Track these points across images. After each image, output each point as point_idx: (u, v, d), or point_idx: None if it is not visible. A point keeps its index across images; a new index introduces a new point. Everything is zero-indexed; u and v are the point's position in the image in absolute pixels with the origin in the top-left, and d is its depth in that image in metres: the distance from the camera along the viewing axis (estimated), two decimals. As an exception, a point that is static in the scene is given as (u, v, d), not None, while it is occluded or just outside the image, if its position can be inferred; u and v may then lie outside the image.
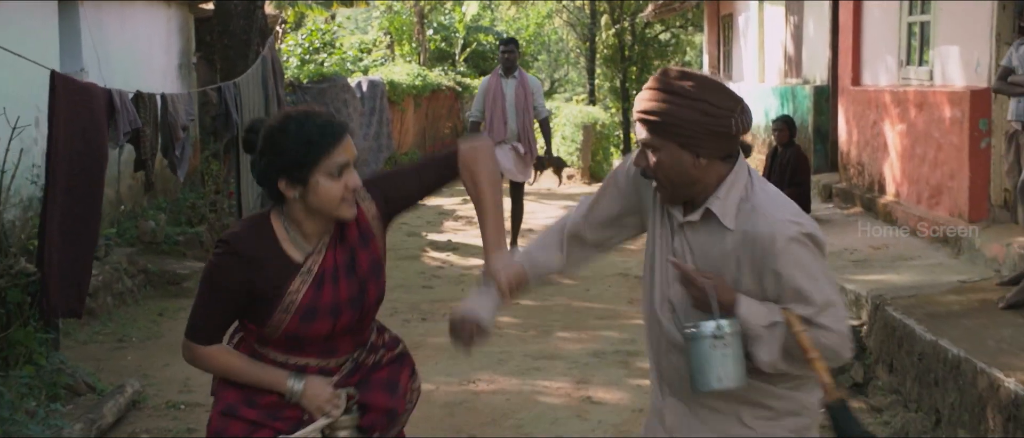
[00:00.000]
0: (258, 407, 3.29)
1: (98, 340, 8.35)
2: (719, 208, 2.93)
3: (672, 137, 2.89)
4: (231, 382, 3.33)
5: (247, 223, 3.26)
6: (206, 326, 3.27)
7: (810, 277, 2.83)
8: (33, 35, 8.51)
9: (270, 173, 3.11)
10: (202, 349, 3.29)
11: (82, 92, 6.34)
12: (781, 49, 15.97)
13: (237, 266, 3.14)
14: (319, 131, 3.05)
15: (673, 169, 2.92)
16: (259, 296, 3.17)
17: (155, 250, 10.73)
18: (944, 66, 9.62)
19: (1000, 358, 5.53)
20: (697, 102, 2.87)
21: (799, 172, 10.96)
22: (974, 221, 8.65)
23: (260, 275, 3.16)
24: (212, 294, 3.22)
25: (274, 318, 3.18)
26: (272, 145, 3.09)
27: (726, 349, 2.81)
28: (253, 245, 3.17)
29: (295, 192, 3.09)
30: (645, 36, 37.77)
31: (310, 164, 3.05)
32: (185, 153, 8.80)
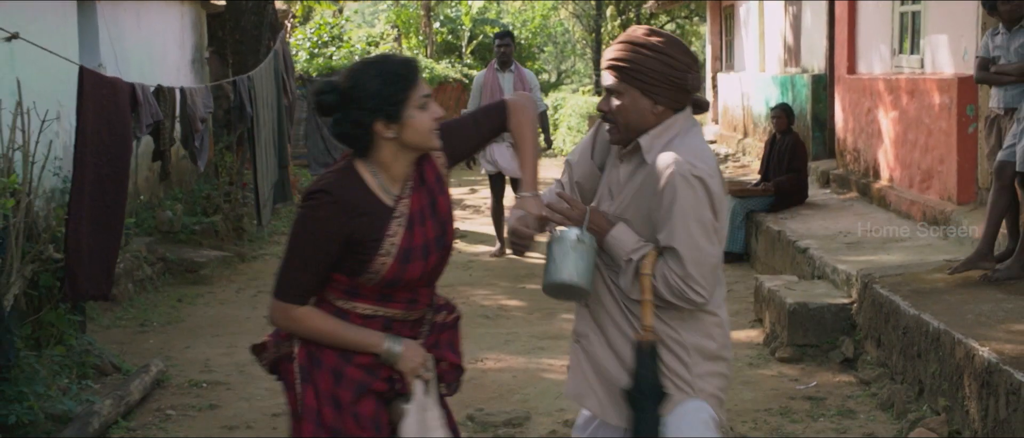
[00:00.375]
0: (359, 367, 3.35)
1: (121, 325, 8.71)
2: (646, 143, 3.38)
3: (636, 84, 3.35)
4: (323, 345, 3.34)
5: (336, 173, 3.30)
6: (301, 283, 3.29)
7: (682, 214, 3.27)
8: (54, 33, 8.82)
9: (363, 119, 3.23)
10: (297, 310, 3.29)
11: (108, 86, 6.68)
12: (781, 39, 16.23)
13: (338, 214, 3.22)
14: (402, 67, 3.27)
15: (632, 113, 3.38)
16: (358, 243, 3.24)
17: (173, 239, 11.09)
18: (934, 54, 9.93)
19: (977, 330, 5.85)
20: (661, 55, 3.33)
21: (797, 158, 11.25)
22: (962, 203, 8.95)
23: (360, 221, 3.24)
24: (310, 247, 3.25)
25: (375, 264, 3.26)
26: (361, 91, 3.22)
27: (582, 253, 3.30)
28: (350, 192, 3.26)
29: (391, 130, 3.24)
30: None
31: (403, 100, 3.22)
32: (204, 144, 9.17)
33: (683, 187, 3.27)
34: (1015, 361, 5.22)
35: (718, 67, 21.71)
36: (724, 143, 19.61)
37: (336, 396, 3.33)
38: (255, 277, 10.73)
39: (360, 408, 3.34)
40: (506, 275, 10.55)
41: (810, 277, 8.53)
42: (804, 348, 7.44)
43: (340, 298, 3.35)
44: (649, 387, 3.36)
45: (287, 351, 3.39)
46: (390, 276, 3.29)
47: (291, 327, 3.33)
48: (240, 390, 7.04)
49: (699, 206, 3.28)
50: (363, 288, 3.32)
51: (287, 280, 3.29)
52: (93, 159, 6.42)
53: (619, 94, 3.38)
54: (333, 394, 3.33)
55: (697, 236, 3.28)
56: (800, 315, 7.45)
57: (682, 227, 3.27)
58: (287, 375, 3.41)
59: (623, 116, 3.39)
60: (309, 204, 3.25)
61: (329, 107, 3.28)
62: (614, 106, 3.40)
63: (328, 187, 3.25)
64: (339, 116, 3.27)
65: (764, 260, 10.33)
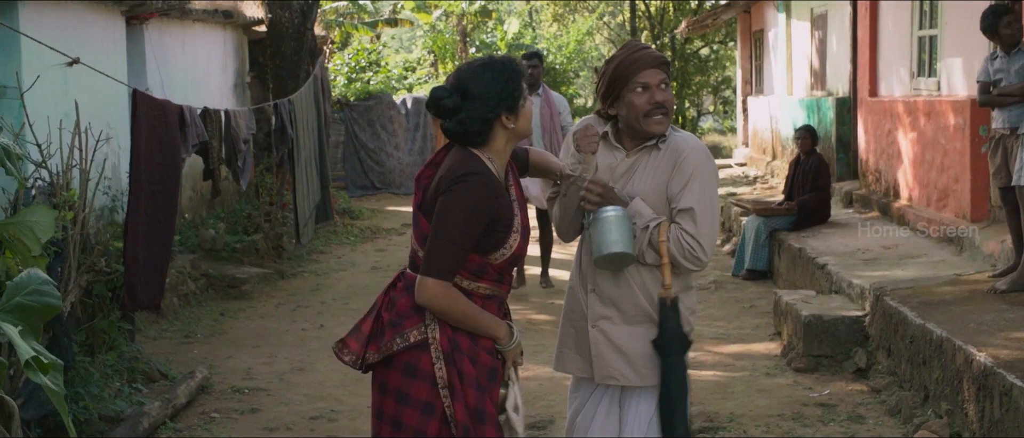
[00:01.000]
0: (487, 352, 3.65)
1: (167, 336, 9.12)
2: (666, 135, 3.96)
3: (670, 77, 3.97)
4: (459, 328, 3.60)
5: (471, 158, 3.61)
6: (456, 261, 3.53)
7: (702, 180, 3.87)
8: (105, 57, 9.24)
9: (490, 115, 3.60)
10: (452, 288, 3.54)
11: (159, 108, 7.12)
12: (807, 63, 16.54)
13: (491, 193, 3.54)
14: (512, 64, 3.71)
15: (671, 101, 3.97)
16: (498, 221, 3.56)
17: (215, 257, 11.52)
18: (950, 77, 10.24)
19: (977, 337, 6.16)
20: None
21: (820, 178, 11.56)
22: (976, 221, 9.24)
23: (502, 201, 3.59)
24: (468, 225, 3.51)
25: (509, 240, 3.60)
26: (487, 90, 3.59)
27: (622, 223, 3.77)
28: (492, 175, 3.60)
29: (511, 121, 3.64)
30: (685, 52, 38.30)
31: (520, 94, 3.65)
32: (247, 164, 9.59)
33: (703, 159, 3.91)
34: (1009, 365, 5.54)
35: (748, 91, 22.02)
36: (753, 165, 19.91)
37: (478, 379, 3.59)
38: (294, 293, 11.15)
39: (494, 392, 3.65)
40: (537, 291, 10.89)
41: (827, 292, 8.85)
42: (819, 358, 7.74)
43: (466, 278, 3.61)
44: (676, 336, 3.87)
45: (417, 340, 3.60)
46: (517, 251, 3.65)
47: (446, 306, 3.55)
48: (280, 396, 7.43)
49: (712, 176, 3.94)
50: (490, 267, 3.62)
51: (445, 258, 3.51)
52: (147, 176, 6.86)
53: (668, 86, 3.95)
54: (475, 377, 3.59)
55: (709, 199, 3.89)
56: (815, 327, 7.76)
57: (700, 190, 3.86)
58: (418, 362, 3.59)
59: (670, 103, 3.96)
60: (465, 185, 3.52)
61: (450, 109, 3.61)
62: (667, 96, 3.94)
63: (480, 169, 3.57)
64: (463, 115, 3.60)
65: (786, 277, 10.64)
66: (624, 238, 3.76)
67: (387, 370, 3.66)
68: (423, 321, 3.61)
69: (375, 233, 15.60)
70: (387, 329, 3.64)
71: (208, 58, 13.33)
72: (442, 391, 3.58)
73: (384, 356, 3.64)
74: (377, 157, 19.74)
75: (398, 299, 3.67)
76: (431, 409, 3.60)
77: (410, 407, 3.61)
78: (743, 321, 9.44)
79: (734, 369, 7.87)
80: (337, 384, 7.65)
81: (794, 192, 11.74)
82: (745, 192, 15.91)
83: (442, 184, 3.57)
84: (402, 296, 3.67)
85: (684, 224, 3.81)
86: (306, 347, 8.79)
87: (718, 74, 39.36)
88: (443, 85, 3.68)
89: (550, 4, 41.24)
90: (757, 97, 20.64)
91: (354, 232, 15.52)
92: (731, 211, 13.57)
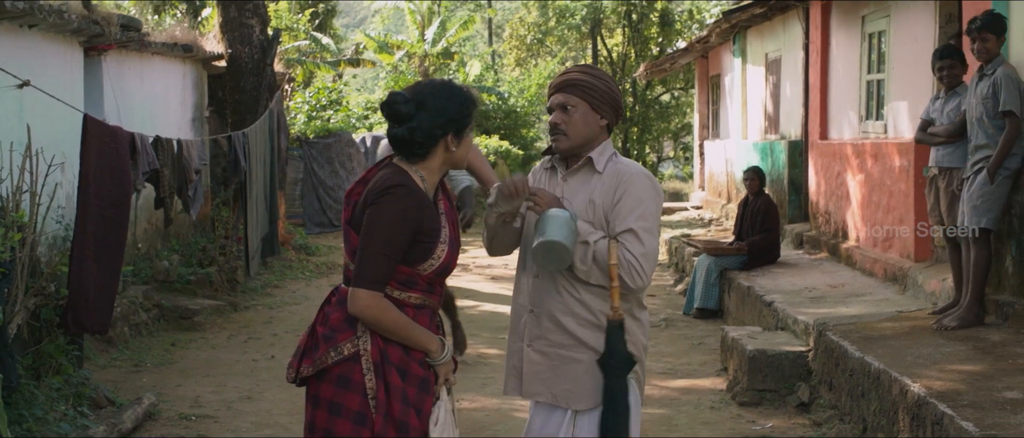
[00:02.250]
0: (419, 364, 3.70)
1: (116, 364, 9.11)
2: (596, 156, 4.04)
3: (587, 98, 4.02)
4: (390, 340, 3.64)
5: (397, 172, 3.68)
6: (385, 271, 3.59)
7: (640, 201, 3.93)
8: (61, 86, 9.23)
9: (437, 131, 3.70)
10: (382, 299, 3.59)
11: (110, 134, 7.17)
12: (762, 107, 16.75)
13: (416, 204, 3.62)
14: (470, 94, 3.80)
15: (582, 123, 4.04)
16: (425, 232, 3.64)
17: (168, 288, 11.53)
18: (896, 120, 10.44)
19: (913, 369, 6.28)
20: (604, 80, 4.07)
21: (768, 219, 11.72)
22: (919, 261, 9.40)
23: (428, 213, 3.67)
24: (395, 235, 3.58)
25: (437, 250, 3.68)
26: (442, 106, 3.70)
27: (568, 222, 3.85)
28: (416, 188, 3.66)
29: (454, 145, 3.74)
30: (646, 97, 38.66)
31: (470, 121, 3.78)
32: (197, 194, 9.64)
33: (641, 180, 3.99)
34: (941, 395, 5.66)
35: (705, 135, 22.26)
36: (709, 208, 20.09)
37: (405, 391, 3.64)
38: (246, 325, 11.16)
39: (424, 404, 3.70)
40: (487, 327, 10.95)
41: (773, 328, 8.97)
42: (763, 392, 7.84)
43: (397, 289, 3.67)
44: (621, 356, 3.93)
45: (350, 352, 3.64)
46: (445, 262, 3.71)
47: (377, 316, 3.60)
48: (227, 423, 7.44)
49: (652, 197, 3.98)
50: (419, 278, 3.69)
51: (375, 268, 3.58)
52: (96, 201, 6.89)
53: (573, 107, 4.01)
54: (402, 389, 3.64)
55: (651, 220, 3.95)
56: (759, 361, 7.87)
57: (639, 211, 3.93)
58: (351, 374, 3.64)
59: (574, 126, 4.01)
60: (391, 196, 3.59)
61: (403, 116, 3.69)
62: (568, 118, 4.02)
63: (405, 181, 3.65)
64: (413, 124, 3.68)
65: (736, 315, 10.76)
66: (566, 235, 3.83)
67: (320, 383, 3.70)
68: (355, 333, 3.65)
69: (330, 269, 15.61)
70: (321, 343, 3.69)
71: (166, 91, 13.35)
72: (371, 401, 3.63)
73: (318, 369, 3.68)
74: (336, 194, 19.76)
75: (331, 313, 3.73)
76: (363, 419, 3.64)
77: (343, 417, 3.66)
78: (691, 357, 9.54)
79: (680, 403, 7.95)
80: (285, 412, 7.67)
81: (743, 232, 11.90)
82: (700, 233, 16.06)
83: (369, 197, 3.64)
84: (335, 310, 3.72)
85: (627, 243, 3.89)
86: (256, 377, 8.80)
87: (678, 120, 39.76)
88: (402, 91, 3.76)
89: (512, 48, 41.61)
90: (713, 141, 20.86)
91: (309, 267, 15.53)
92: (684, 251, 13.70)
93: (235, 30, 14.24)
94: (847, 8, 12.09)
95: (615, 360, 3.91)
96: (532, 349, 4.08)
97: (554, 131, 4.04)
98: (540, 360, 4.05)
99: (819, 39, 13.00)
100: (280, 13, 28.09)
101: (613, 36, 40.06)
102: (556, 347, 4.02)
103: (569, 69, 4.12)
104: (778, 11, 14.71)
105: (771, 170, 14.47)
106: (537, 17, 40.28)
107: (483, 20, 46.02)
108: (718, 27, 17.48)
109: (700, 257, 11.88)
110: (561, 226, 3.83)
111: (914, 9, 9.98)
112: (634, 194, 3.93)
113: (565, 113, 4.01)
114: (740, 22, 16.31)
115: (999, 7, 7.74)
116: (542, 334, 4.05)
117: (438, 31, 33.06)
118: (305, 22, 30.09)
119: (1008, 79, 7.09)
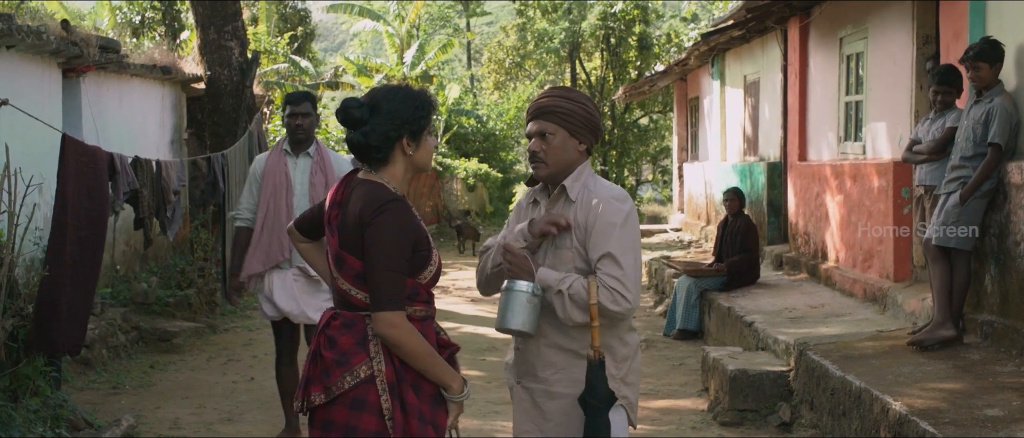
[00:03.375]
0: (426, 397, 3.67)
1: (94, 387, 9.04)
2: (569, 184, 3.97)
3: (564, 124, 3.97)
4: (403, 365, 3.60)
5: (379, 188, 3.65)
6: (403, 288, 3.56)
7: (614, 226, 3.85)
8: (39, 107, 9.19)
9: (391, 134, 3.66)
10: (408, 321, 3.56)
11: (88, 154, 7.12)
12: (740, 129, 16.81)
13: (411, 215, 3.63)
14: (425, 95, 3.75)
15: (561, 150, 3.98)
16: (420, 240, 3.63)
17: (147, 310, 11.46)
18: (874, 141, 10.50)
19: (894, 388, 6.30)
20: (582, 103, 4.01)
21: (748, 239, 11.75)
22: (899, 280, 9.44)
23: (418, 221, 3.68)
24: (402, 250, 3.57)
25: (432, 257, 3.70)
26: (393, 108, 3.67)
27: (533, 304, 3.82)
28: (405, 198, 3.67)
29: (412, 148, 3.70)
30: (625, 120, 38.77)
31: (425, 123, 3.73)
32: (176, 215, 9.60)
33: (612, 206, 3.88)
34: (923, 412, 5.67)
35: (684, 157, 22.32)
36: (688, 230, 20.13)
37: (420, 409, 3.61)
38: (226, 347, 11.10)
39: (438, 419, 3.68)
40: (468, 348, 10.92)
41: (754, 348, 8.98)
42: (744, 412, 7.84)
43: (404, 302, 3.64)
44: (602, 395, 3.85)
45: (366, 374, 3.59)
46: (439, 267, 3.74)
47: (404, 338, 3.57)
48: (206, 445, 7.40)
49: (627, 220, 3.89)
50: (420, 288, 3.68)
51: (393, 287, 3.54)
52: (73, 221, 6.84)
53: (551, 134, 3.96)
54: (418, 407, 3.60)
55: (627, 242, 3.87)
56: (740, 381, 7.87)
57: (616, 236, 3.85)
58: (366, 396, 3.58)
59: (553, 153, 3.96)
60: (388, 213, 3.57)
61: (357, 120, 3.66)
62: (546, 145, 3.97)
63: (393, 196, 3.62)
64: (368, 128, 3.65)
65: (716, 336, 10.77)
66: (527, 319, 3.82)
67: (331, 407, 3.63)
68: (369, 355, 3.61)
69: (310, 291, 15.55)
70: (333, 368, 3.62)
71: (145, 113, 13.30)
72: (388, 422, 3.58)
73: (333, 395, 3.61)
74: (315, 217, 19.66)
75: (339, 337, 3.66)
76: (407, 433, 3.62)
77: None
78: (672, 378, 9.53)
79: (661, 423, 7.94)
80: (265, 434, 7.63)
81: (723, 253, 11.92)
82: (679, 255, 16.08)
83: (364, 217, 3.59)
84: (343, 334, 3.66)
85: (606, 269, 3.82)
86: (236, 399, 8.75)
87: (657, 143, 39.90)
88: (356, 97, 3.74)
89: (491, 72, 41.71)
90: (692, 163, 20.93)
91: (289, 290, 15.45)
92: (664, 273, 13.71)
93: (214, 52, 14.22)
94: (825, 30, 12.16)
95: (596, 399, 3.85)
96: (520, 386, 4.07)
97: (533, 159, 4.01)
98: (527, 397, 4.04)
99: (797, 61, 13.07)
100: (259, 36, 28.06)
101: (592, 59, 40.22)
102: (542, 383, 3.99)
103: (546, 92, 4.08)
104: (757, 33, 14.79)
105: (750, 192, 14.51)
106: (516, 41, 40.41)
107: (462, 44, 46.12)
108: (697, 49, 17.56)
109: (680, 278, 11.89)
110: (520, 309, 3.82)
111: (892, 30, 10.05)
112: (604, 220, 3.85)
113: (543, 140, 3.97)
114: (719, 45, 16.38)
115: (975, 31, 7.80)
116: (529, 371, 4.03)
117: (417, 54, 33.09)
118: (284, 45, 30.07)
119: (1004, 111, 7.11)
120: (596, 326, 3.83)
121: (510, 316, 3.83)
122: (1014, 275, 7.08)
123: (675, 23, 38.95)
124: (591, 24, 37.43)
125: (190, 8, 15.31)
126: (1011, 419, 5.51)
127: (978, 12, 7.82)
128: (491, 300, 14.24)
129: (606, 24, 37.13)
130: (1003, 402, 5.84)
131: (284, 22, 34.19)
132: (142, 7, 23.36)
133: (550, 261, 3.95)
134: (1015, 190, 7.04)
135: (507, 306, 3.85)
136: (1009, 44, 7.36)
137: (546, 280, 3.86)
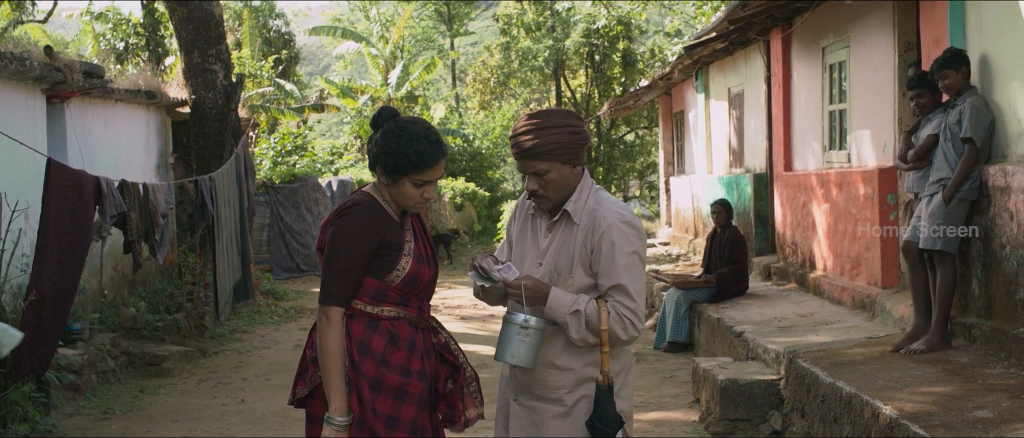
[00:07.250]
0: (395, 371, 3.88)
1: (84, 412, 9.01)
2: (572, 208, 3.95)
3: (557, 158, 3.90)
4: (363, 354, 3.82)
5: (358, 195, 3.91)
6: (343, 285, 3.79)
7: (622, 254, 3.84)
8: (24, 133, 9.18)
9: (374, 155, 3.88)
10: (335, 312, 3.77)
11: (73, 177, 7.12)
12: (726, 141, 16.84)
13: (373, 222, 3.82)
14: (418, 153, 3.82)
15: (561, 181, 3.94)
16: (386, 245, 3.83)
17: (136, 335, 11.43)
18: (859, 149, 10.53)
19: (885, 392, 6.30)
20: (565, 126, 3.92)
21: (737, 251, 11.77)
22: (887, 287, 9.46)
23: (387, 228, 3.86)
24: (353, 250, 3.78)
25: (400, 263, 3.85)
26: (384, 142, 3.85)
27: (526, 337, 3.82)
28: (375, 207, 3.87)
29: (386, 181, 3.87)
30: (611, 137, 38.85)
31: (402, 172, 3.84)
32: (164, 239, 9.58)
33: (618, 232, 3.86)
34: (913, 416, 5.67)
35: (670, 171, 22.36)
36: (676, 243, 20.15)
37: (374, 402, 3.82)
38: (215, 370, 11.07)
39: (400, 413, 3.86)
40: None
41: (744, 358, 8.98)
42: (735, 422, 7.84)
43: (369, 304, 3.86)
44: (610, 419, 3.88)
45: None
46: (412, 273, 3.87)
47: (323, 332, 3.78)
48: (197, 467, 7.38)
49: (633, 244, 3.88)
50: (389, 290, 3.86)
51: (334, 284, 3.79)
52: (54, 243, 6.84)
53: (546, 172, 3.91)
54: (372, 400, 3.82)
55: (637, 272, 3.88)
56: (731, 391, 7.87)
57: (624, 265, 3.85)
58: None
59: (554, 188, 3.94)
60: (348, 215, 3.82)
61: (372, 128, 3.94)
62: (544, 183, 3.93)
63: (361, 202, 3.86)
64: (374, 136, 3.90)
65: (706, 347, 10.78)
66: (526, 354, 3.84)
67: (312, 400, 3.94)
68: None
69: (299, 313, 15.55)
70: (309, 364, 3.93)
71: (130, 138, 13.29)
72: None
73: (311, 388, 3.92)
74: (302, 239, 19.69)
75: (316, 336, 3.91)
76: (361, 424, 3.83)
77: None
78: (663, 390, 9.53)
79: (653, 435, 7.94)
80: (255, 455, 7.62)
81: (712, 265, 11.94)
82: (668, 268, 16.09)
83: (331, 219, 3.88)
84: None
85: (618, 298, 3.84)
86: (226, 421, 8.73)
87: (643, 159, 39.96)
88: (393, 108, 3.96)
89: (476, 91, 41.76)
90: (679, 177, 20.96)
91: (278, 312, 15.46)
92: (652, 286, 13.72)
93: (198, 76, 14.23)
94: (807, 40, 12.21)
95: (603, 423, 3.88)
96: (518, 403, 4.07)
97: (534, 196, 3.98)
98: (524, 414, 4.04)
99: (781, 72, 13.11)
100: (243, 60, 28.10)
101: (576, 77, 40.29)
102: (539, 400, 3.99)
103: (525, 127, 3.94)
104: (739, 45, 14.84)
105: (737, 203, 14.53)
106: (500, 60, 40.48)
107: (446, 64, 46.20)
108: (680, 63, 17.59)
109: (669, 291, 11.90)
110: (520, 343, 3.84)
111: (873, 38, 10.09)
112: (615, 248, 3.85)
113: (540, 178, 3.92)
114: (702, 58, 16.42)
115: (956, 35, 7.84)
116: (526, 388, 4.03)
117: (401, 75, 33.12)
118: (268, 69, 30.10)
119: (974, 108, 7.20)
120: (607, 351, 3.86)
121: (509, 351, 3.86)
122: (1000, 278, 7.10)
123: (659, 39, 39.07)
124: (575, 41, 37.52)
125: (174, 33, 15.31)
126: (1001, 420, 5.52)
127: (958, 17, 7.86)
128: (480, 317, 14.25)
129: (590, 41, 37.22)
130: (993, 404, 5.85)
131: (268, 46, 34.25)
132: (126, 33, 23.35)
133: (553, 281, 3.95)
134: (998, 193, 7.07)
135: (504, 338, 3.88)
136: (988, 48, 7.42)
137: (561, 300, 3.86)
